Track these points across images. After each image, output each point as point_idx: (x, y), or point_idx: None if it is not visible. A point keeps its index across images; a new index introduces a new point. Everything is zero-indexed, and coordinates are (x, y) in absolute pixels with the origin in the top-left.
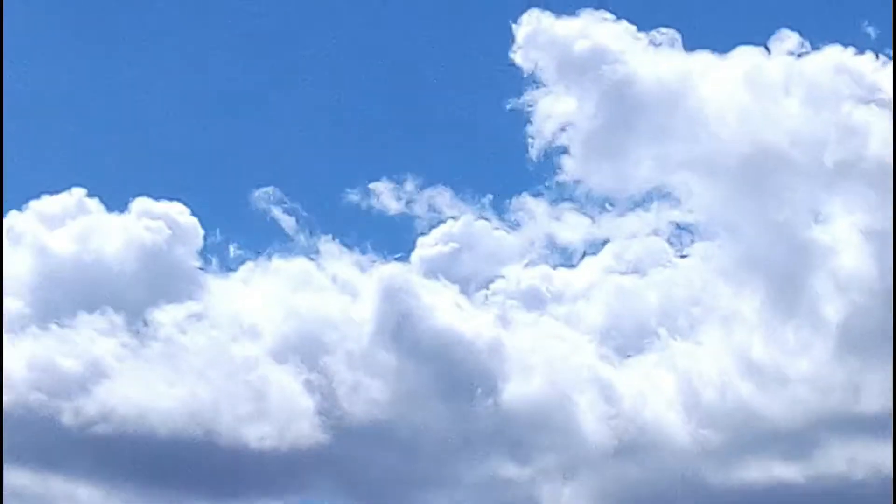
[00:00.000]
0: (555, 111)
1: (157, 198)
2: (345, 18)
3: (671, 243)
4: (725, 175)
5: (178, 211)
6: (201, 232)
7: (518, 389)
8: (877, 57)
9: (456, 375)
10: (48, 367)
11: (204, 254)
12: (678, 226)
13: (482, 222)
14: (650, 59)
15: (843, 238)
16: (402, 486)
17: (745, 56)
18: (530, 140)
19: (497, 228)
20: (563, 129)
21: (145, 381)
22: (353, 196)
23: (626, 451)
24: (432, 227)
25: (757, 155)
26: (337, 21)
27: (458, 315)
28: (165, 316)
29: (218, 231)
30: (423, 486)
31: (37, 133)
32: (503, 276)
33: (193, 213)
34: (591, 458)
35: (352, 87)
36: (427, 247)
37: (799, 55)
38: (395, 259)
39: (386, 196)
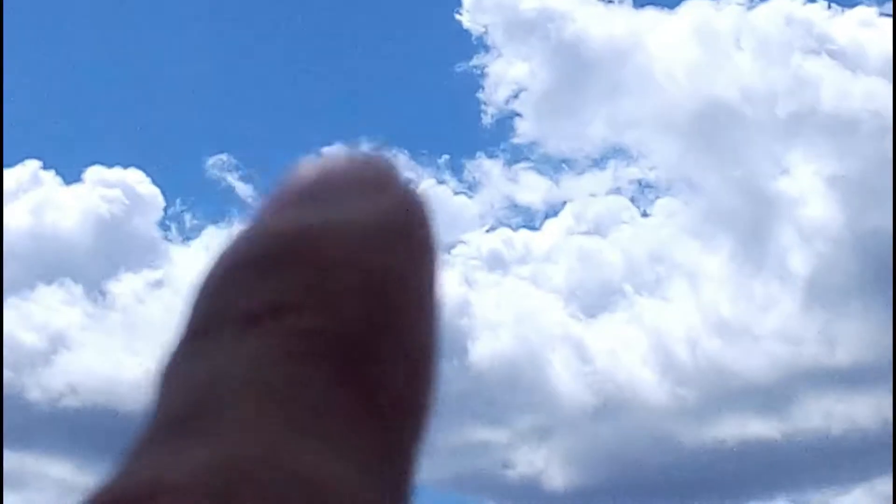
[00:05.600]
0: (505, 74)
1: (110, 165)
2: None
3: (633, 201)
4: (681, 131)
5: (136, 179)
6: (161, 200)
7: (488, 348)
8: (828, 6)
9: None
10: (9, 342)
11: (163, 222)
12: (639, 183)
13: (442, 187)
14: (599, 16)
15: (806, 188)
16: None
17: (694, 9)
18: (483, 105)
19: (458, 192)
20: (514, 92)
21: (110, 352)
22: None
23: (602, 411)
24: None
25: (711, 109)
26: None
27: None
28: (125, 286)
29: (178, 200)
30: None
31: None
32: (464, 242)
33: (154, 182)
34: (567, 417)
35: (300, 53)
36: None
37: (749, 7)
38: None
39: None
